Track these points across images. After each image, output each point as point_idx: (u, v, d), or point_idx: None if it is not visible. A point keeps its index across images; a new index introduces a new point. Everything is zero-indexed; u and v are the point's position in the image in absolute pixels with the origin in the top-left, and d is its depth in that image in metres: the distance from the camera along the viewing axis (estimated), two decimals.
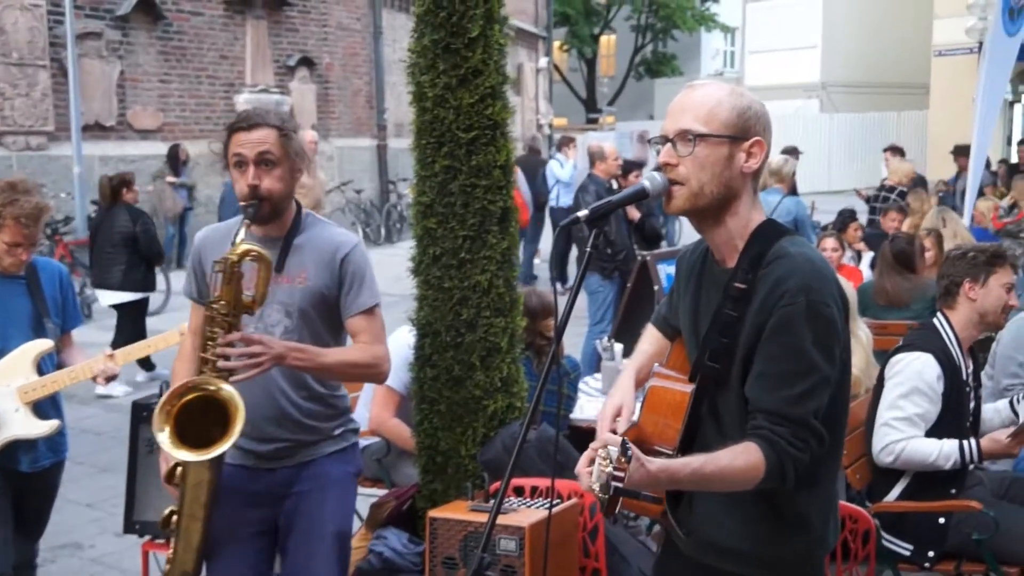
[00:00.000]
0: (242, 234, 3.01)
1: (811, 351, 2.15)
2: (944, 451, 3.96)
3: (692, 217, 2.32)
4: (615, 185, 9.51)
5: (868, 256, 9.03)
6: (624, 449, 1.93)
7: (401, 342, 4.49)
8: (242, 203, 3.15)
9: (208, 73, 15.78)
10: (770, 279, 2.20)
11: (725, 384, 2.27)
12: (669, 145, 2.27)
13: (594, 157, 9.32)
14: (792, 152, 14.97)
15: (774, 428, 2.14)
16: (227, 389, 2.92)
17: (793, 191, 9.66)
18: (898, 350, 4.12)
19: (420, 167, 4.00)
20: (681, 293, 2.51)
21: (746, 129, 2.26)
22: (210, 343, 2.99)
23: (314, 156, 11.91)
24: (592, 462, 1.96)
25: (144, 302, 9.31)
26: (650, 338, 2.70)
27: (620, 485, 1.91)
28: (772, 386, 2.16)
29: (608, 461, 1.91)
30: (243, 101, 15.60)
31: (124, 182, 9.22)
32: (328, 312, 3.26)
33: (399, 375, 4.59)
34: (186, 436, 2.91)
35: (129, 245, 8.98)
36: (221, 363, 2.95)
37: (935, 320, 4.15)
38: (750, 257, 2.26)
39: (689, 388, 2.33)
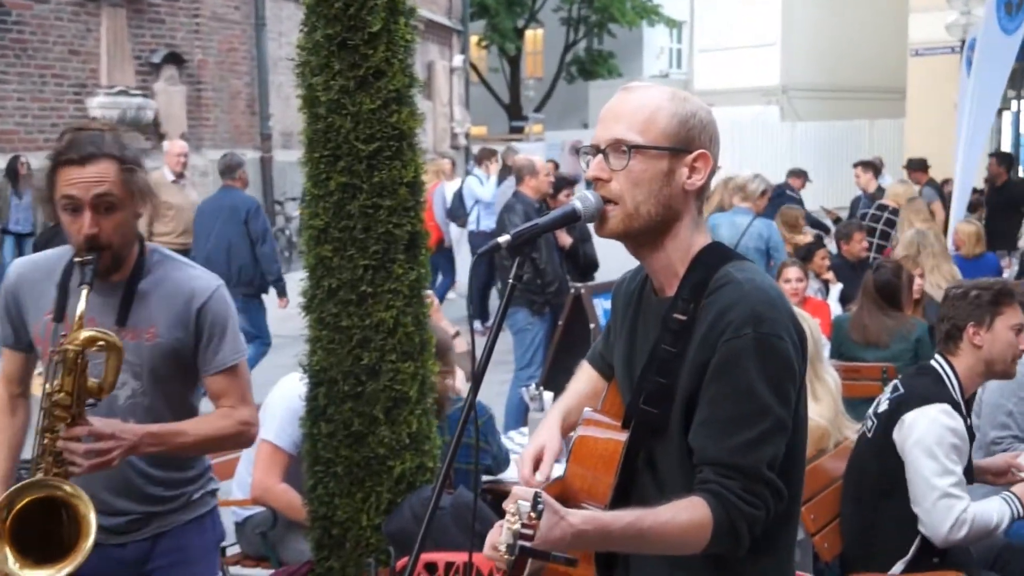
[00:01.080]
0: (82, 305, 2.96)
1: (762, 391, 2.19)
2: (999, 510, 4.02)
3: (627, 241, 2.37)
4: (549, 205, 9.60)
5: (836, 288, 9.19)
6: (535, 502, 1.94)
7: (290, 392, 4.48)
8: (77, 259, 3.06)
9: (55, 72, 15.57)
10: (713, 309, 2.24)
11: (663, 432, 2.30)
12: (600, 157, 2.32)
13: (522, 172, 9.37)
14: (800, 176, 15.22)
15: (722, 481, 2.18)
16: (68, 489, 2.91)
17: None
18: (901, 403, 4.10)
19: (312, 185, 4.01)
20: (618, 327, 2.55)
21: (689, 140, 2.31)
22: (49, 435, 2.96)
23: (182, 169, 11.83)
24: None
25: None
26: (584, 377, 2.74)
27: (527, 544, 1.91)
28: (719, 433, 2.20)
29: (516, 517, 1.92)
30: (97, 106, 15.44)
31: None
32: (183, 369, 3.25)
33: (287, 431, 4.57)
34: (28, 548, 2.87)
35: None
36: (67, 458, 2.93)
37: (936, 365, 4.16)
38: (691, 285, 2.31)
39: (623, 437, 2.36)
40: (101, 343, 2.96)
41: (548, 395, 5.41)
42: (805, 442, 2.38)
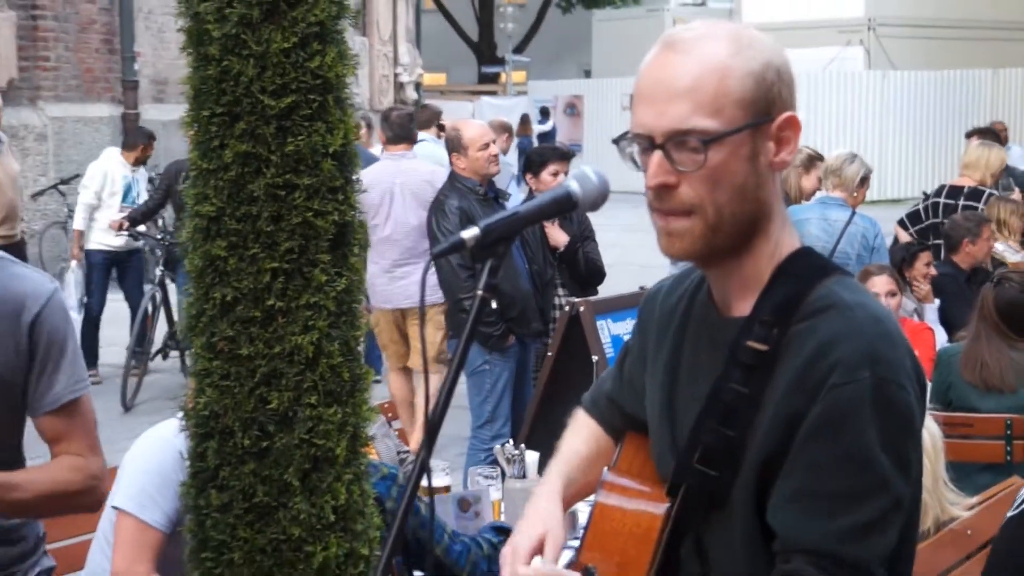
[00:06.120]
0: None
1: (881, 458, 2.24)
2: None
3: (704, 258, 2.42)
4: (524, 192, 9.56)
5: (933, 308, 9.25)
6: None
7: (167, 447, 4.51)
8: None
9: None
10: (811, 340, 2.29)
11: (723, 504, 2.36)
12: (659, 155, 2.34)
13: (450, 147, 9.25)
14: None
15: None
16: None
17: None
18: None
19: (200, 155, 4.04)
20: (650, 355, 2.59)
21: (770, 103, 2.36)
22: None
23: None
24: None
25: None
26: (584, 433, 2.78)
27: None
28: (820, 512, 2.25)
29: None
30: None
31: None
32: (9, 406, 3.31)
33: (159, 503, 4.59)
34: None
35: None
36: None
37: None
38: (775, 304, 2.36)
39: (662, 508, 2.41)
40: None
41: (532, 456, 5.45)
42: (918, 525, 2.45)
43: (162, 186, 12.65)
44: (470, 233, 2.29)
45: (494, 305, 8.18)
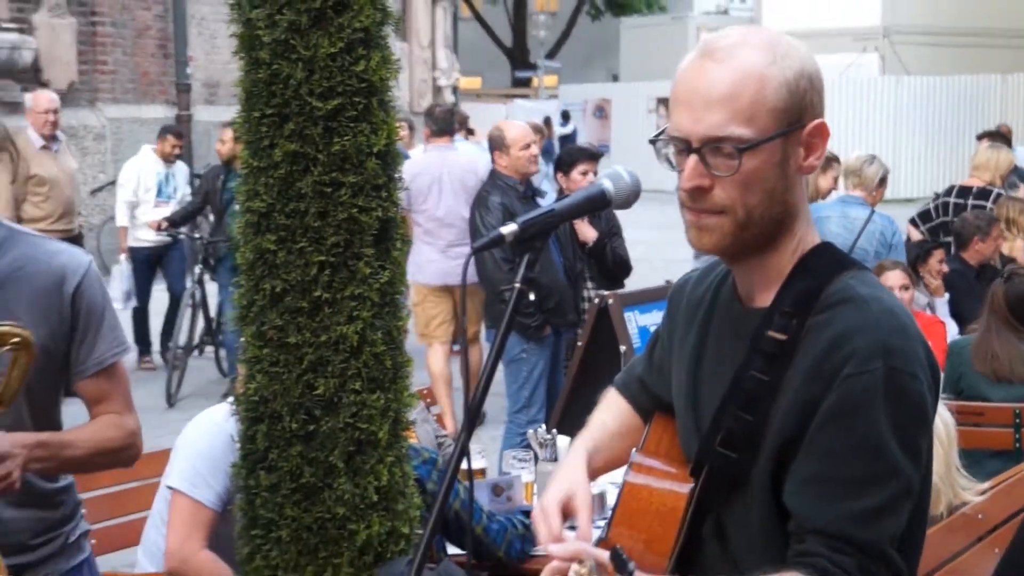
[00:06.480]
0: None
1: (892, 445, 2.25)
2: None
3: (731, 254, 2.43)
4: (555, 190, 9.55)
5: (944, 302, 9.24)
6: (621, 561, 2.01)
7: (218, 431, 4.52)
8: None
9: None
10: (827, 331, 2.30)
11: (743, 486, 2.37)
12: (695, 159, 2.34)
13: (492, 146, 9.32)
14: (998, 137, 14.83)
15: (833, 556, 2.23)
16: None
17: None
18: None
19: (251, 154, 4.05)
20: (677, 342, 2.60)
21: (801, 110, 2.36)
22: None
23: (52, 131, 11.69)
24: None
25: None
26: (614, 410, 2.79)
27: None
28: (834, 495, 2.26)
29: None
30: None
31: None
32: (52, 373, 3.34)
33: (211, 483, 4.61)
34: None
35: None
36: None
37: None
38: (795, 295, 2.36)
39: (686, 488, 2.42)
40: (16, 340, 3.03)
41: (563, 440, 5.45)
42: (928, 510, 2.45)
43: (202, 189, 12.58)
44: (509, 228, 2.30)
45: (532, 297, 8.13)
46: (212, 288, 12.87)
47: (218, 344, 12.78)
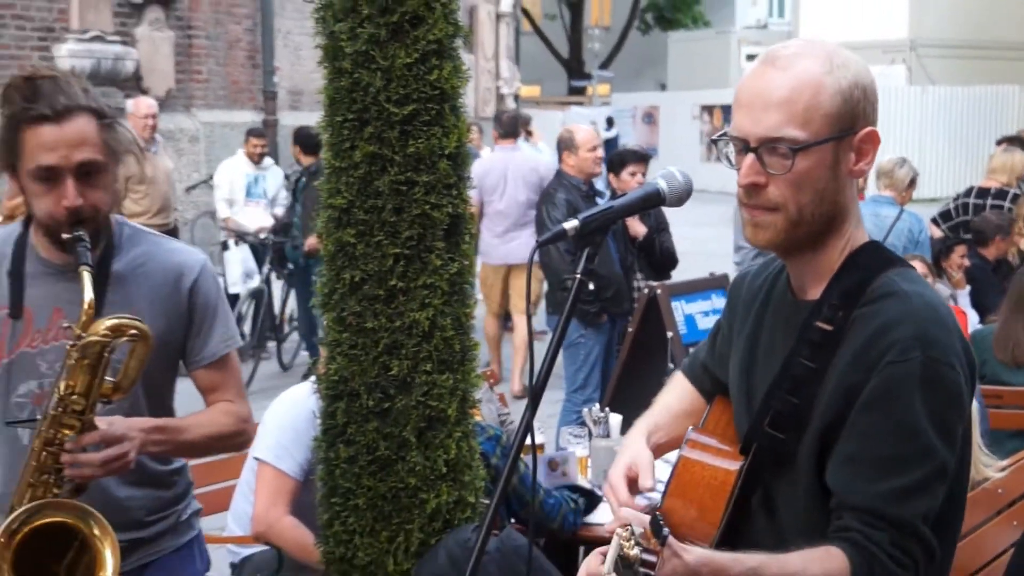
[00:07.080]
0: (89, 291, 3.02)
1: (927, 429, 2.24)
2: None
3: (784, 250, 2.43)
4: (607, 189, 9.53)
5: (964, 294, 9.19)
6: (656, 525, 2.01)
7: (301, 407, 4.54)
8: (66, 235, 3.11)
9: (15, 12, 15.76)
10: (871, 323, 2.30)
11: (789, 464, 2.37)
12: (752, 158, 2.35)
13: (561, 146, 9.36)
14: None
15: (869, 532, 2.23)
16: (95, 530, 3.00)
17: None
18: None
19: (333, 155, 4.06)
20: (735, 332, 2.60)
21: (854, 118, 2.36)
22: (49, 448, 3.04)
23: (151, 134, 11.77)
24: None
25: None
26: (678, 391, 2.79)
27: (652, 573, 1.99)
28: (870, 474, 2.25)
29: (632, 542, 1.99)
30: (66, 54, 15.58)
31: None
32: (169, 363, 3.36)
33: (294, 455, 4.63)
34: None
35: None
36: (70, 472, 3.02)
37: None
38: (843, 289, 2.37)
39: (736, 465, 2.42)
40: (134, 332, 3.04)
41: (615, 418, 5.44)
42: (965, 494, 2.44)
43: (292, 193, 12.61)
44: (571, 224, 2.31)
45: (591, 287, 8.18)
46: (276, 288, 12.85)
47: (280, 340, 12.74)
